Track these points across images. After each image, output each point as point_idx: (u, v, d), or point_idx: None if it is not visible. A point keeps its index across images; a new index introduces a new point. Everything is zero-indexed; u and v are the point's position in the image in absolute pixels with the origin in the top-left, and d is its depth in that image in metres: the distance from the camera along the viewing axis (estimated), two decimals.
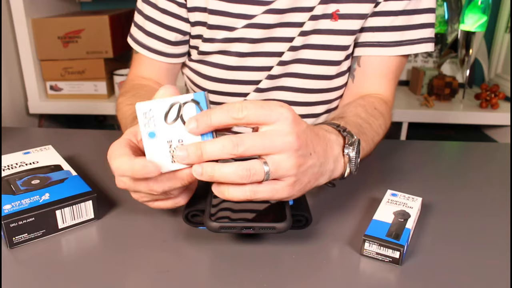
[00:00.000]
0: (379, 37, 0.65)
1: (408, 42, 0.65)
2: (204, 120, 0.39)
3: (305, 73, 0.69)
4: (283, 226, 0.42)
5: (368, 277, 0.42)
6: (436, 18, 1.65)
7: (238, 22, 0.67)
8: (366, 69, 0.68)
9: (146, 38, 0.72)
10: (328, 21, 0.65)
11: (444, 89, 1.55)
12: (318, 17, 0.65)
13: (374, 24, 0.65)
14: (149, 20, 0.71)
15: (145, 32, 0.72)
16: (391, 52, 0.66)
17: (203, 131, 0.40)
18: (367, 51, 0.67)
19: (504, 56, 1.66)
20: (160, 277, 0.41)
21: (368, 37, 0.66)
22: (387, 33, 0.65)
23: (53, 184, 0.50)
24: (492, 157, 0.73)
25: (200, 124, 0.39)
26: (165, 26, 0.70)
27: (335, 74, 0.69)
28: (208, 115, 0.39)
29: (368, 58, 0.67)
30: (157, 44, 0.72)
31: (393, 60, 0.67)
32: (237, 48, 0.69)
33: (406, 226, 0.45)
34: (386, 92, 0.69)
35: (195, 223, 0.47)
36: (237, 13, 0.66)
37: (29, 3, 1.44)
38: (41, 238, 0.46)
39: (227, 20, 0.67)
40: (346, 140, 0.48)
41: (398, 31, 0.65)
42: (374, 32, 0.65)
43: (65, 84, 1.56)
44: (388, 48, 0.65)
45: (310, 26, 0.66)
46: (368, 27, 0.66)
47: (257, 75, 0.71)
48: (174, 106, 0.40)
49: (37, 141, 0.75)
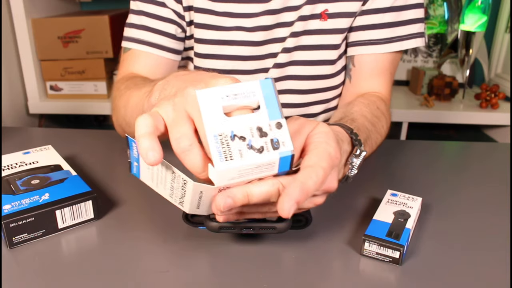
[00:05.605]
0: (370, 35, 0.66)
1: (398, 39, 0.66)
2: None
3: (301, 74, 0.69)
4: (283, 226, 0.42)
5: (368, 277, 0.42)
6: (436, 18, 1.65)
7: (225, 21, 0.67)
8: (361, 68, 0.69)
9: (142, 33, 0.69)
10: (318, 21, 0.66)
11: (444, 89, 1.55)
12: (307, 17, 0.66)
13: (363, 22, 0.66)
14: (148, 15, 0.68)
15: (143, 28, 0.69)
16: (382, 49, 0.66)
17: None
18: (359, 50, 0.67)
19: (504, 56, 1.66)
20: (160, 277, 0.41)
21: (359, 36, 0.67)
22: (377, 31, 0.66)
23: (53, 184, 0.50)
24: (492, 157, 0.73)
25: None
26: (163, 18, 0.68)
27: (330, 74, 0.70)
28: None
29: (361, 57, 0.68)
30: (159, 38, 0.69)
31: (386, 57, 0.68)
32: (230, 51, 0.69)
33: (406, 226, 0.45)
34: (383, 90, 0.69)
35: (195, 223, 0.47)
36: (222, 11, 0.67)
37: (29, 3, 1.44)
38: (41, 238, 0.46)
39: (212, 19, 0.67)
40: (354, 150, 0.49)
41: (388, 28, 0.65)
42: (364, 30, 0.66)
43: (65, 84, 1.56)
44: (379, 45, 0.66)
45: (300, 27, 0.66)
46: (358, 26, 0.67)
47: (255, 78, 0.71)
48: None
49: (37, 141, 0.75)
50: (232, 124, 0.33)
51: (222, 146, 0.32)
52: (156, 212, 0.52)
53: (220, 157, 0.32)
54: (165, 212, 0.52)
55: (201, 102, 0.33)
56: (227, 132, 0.32)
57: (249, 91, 0.33)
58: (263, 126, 0.33)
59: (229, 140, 0.32)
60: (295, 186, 0.34)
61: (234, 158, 0.32)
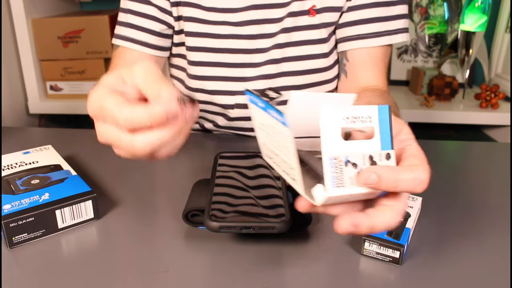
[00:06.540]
0: (359, 30, 0.69)
1: (387, 33, 0.69)
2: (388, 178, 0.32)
3: (295, 70, 0.72)
4: (283, 226, 0.42)
5: (368, 277, 0.42)
6: (436, 18, 1.65)
7: (212, 16, 0.70)
8: (355, 63, 0.71)
9: (130, 31, 0.73)
10: (306, 17, 0.69)
11: (444, 89, 1.55)
12: (296, 13, 0.69)
13: (351, 18, 0.69)
14: (133, 13, 0.72)
15: (128, 25, 0.73)
16: (372, 43, 0.69)
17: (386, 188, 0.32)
18: (350, 45, 0.70)
19: (504, 56, 1.65)
20: (160, 277, 0.41)
21: (349, 32, 0.70)
22: (365, 26, 0.69)
23: (52, 184, 0.50)
24: (492, 157, 0.73)
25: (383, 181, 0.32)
26: (149, 16, 0.72)
27: (323, 67, 0.72)
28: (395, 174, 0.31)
29: (353, 52, 0.71)
30: (142, 35, 0.72)
31: (378, 49, 0.70)
32: (218, 44, 0.71)
33: (406, 226, 0.45)
34: (380, 83, 0.71)
35: (195, 223, 0.47)
36: (208, 7, 0.70)
37: (29, 3, 1.44)
38: (40, 238, 0.46)
39: (200, 13, 0.70)
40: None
41: (376, 23, 0.68)
42: (352, 26, 0.69)
43: (65, 84, 1.56)
44: (369, 39, 0.69)
45: (290, 23, 0.69)
46: (346, 22, 0.70)
47: (243, 72, 0.73)
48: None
49: (37, 141, 0.75)
50: (348, 148, 0.32)
51: (336, 171, 0.31)
52: (156, 212, 0.52)
53: (332, 182, 0.31)
54: (165, 212, 0.52)
55: (323, 119, 0.31)
56: (342, 157, 0.32)
57: (366, 115, 0.32)
58: (374, 155, 0.32)
59: (343, 166, 0.32)
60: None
61: (345, 185, 0.32)
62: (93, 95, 0.36)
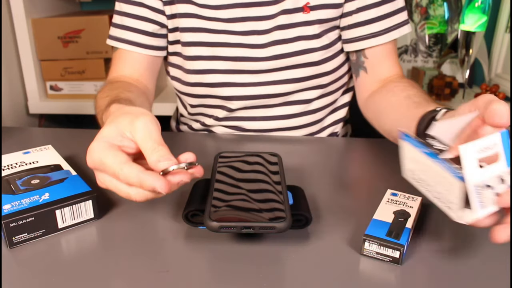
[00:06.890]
0: (372, 29, 0.73)
1: (395, 27, 0.73)
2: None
3: (293, 64, 0.74)
4: (283, 226, 0.42)
5: (368, 277, 0.42)
6: (436, 18, 1.65)
7: (205, 12, 0.72)
8: (373, 59, 0.75)
9: (124, 33, 0.75)
10: (301, 14, 0.72)
11: (444, 89, 1.55)
12: (290, 11, 0.71)
13: (362, 18, 0.72)
14: (127, 15, 0.75)
15: (123, 27, 0.75)
16: (386, 39, 0.73)
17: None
18: (366, 43, 0.74)
19: (504, 56, 1.65)
20: (160, 277, 0.41)
21: (363, 31, 0.73)
22: (377, 24, 0.72)
23: (53, 183, 0.50)
24: None
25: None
26: (142, 18, 0.74)
27: (321, 59, 0.74)
28: None
29: (370, 49, 0.75)
30: (136, 36, 0.75)
31: (390, 44, 0.75)
32: (212, 39, 0.73)
33: (406, 226, 0.45)
34: (398, 71, 0.76)
35: (195, 222, 0.47)
36: (201, 4, 0.72)
37: (29, 3, 1.44)
38: (41, 238, 0.46)
39: (193, 8, 0.72)
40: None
41: (386, 19, 0.73)
42: (365, 25, 0.73)
43: (65, 84, 1.56)
44: (383, 36, 0.73)
45: (284, 20, 0.71)
46: (358, 22, 0.73)
47: (238, 66, 0.74)
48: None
49: (37, 141, 0.75)
50: (484, 174, 0.38)
51: (479, 195, 0.38)
52: (156, 212, 0.52)
53: (479, 206, 0.38)
54: (165, 212, 0.52)
55: (464, 155, 0.38)
56: (481, 183, 0.38)
57: (493, 143, 0.38)
58: (503, 175, 0.38)
59: (483, 190, 0.38)
60: None
61: (487, 206, 0.38)
62: (93, 148, 0.42)
